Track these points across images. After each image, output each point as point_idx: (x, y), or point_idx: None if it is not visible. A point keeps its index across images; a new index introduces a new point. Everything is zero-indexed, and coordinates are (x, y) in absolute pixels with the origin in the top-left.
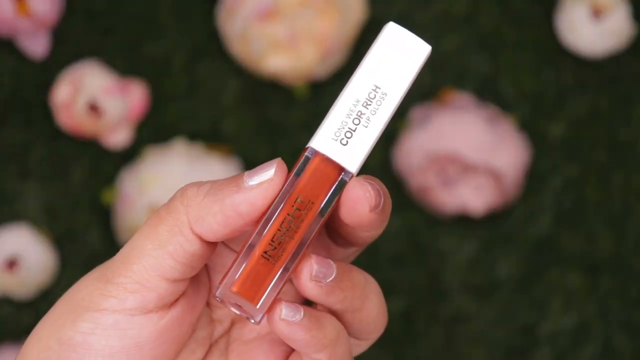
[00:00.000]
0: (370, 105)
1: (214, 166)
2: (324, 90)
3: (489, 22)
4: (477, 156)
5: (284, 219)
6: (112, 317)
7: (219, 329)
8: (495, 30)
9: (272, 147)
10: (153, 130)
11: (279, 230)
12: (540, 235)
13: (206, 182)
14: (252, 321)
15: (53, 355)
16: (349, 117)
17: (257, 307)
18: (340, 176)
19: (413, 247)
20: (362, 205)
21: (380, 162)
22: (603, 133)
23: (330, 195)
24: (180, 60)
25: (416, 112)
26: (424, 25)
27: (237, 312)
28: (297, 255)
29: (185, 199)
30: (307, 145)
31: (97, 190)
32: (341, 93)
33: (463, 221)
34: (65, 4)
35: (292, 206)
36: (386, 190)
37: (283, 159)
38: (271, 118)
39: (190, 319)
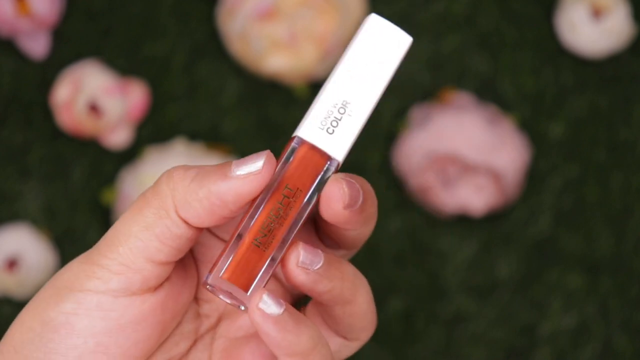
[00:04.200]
0: (354, 95)
1: None
2: None
3: (489, 22)
4: (477, 156)
5: (273, 207)
6: (95, 298)
7: (206, 324)
8: (495, 30)
9: (272, 146)
10: (153, 130)
11: (268, 217)
12: (540, 235)
13: (193, 167)
14: (242, 308)
15: (35, 337)
16: (335, 107)
17: (248, 293)
18: (327, 164)
19: (413, 247)
20: (336, 202)
21: (380, 162)
22: (603, 133)
23: (317, 183)
24: (180, 60)
25: (416, 112)
26: (424, 25)
27: (228, 300)
28: (286, 242)
29: (171, 183)
30: (294, 134)
31: (97, 190)
32: (325, 83)
33: (463, 221)
34: (66, 4)
35: (281, 194)
36: (369, 189)
37: None
38: (271, 118)
39: (175, 306)
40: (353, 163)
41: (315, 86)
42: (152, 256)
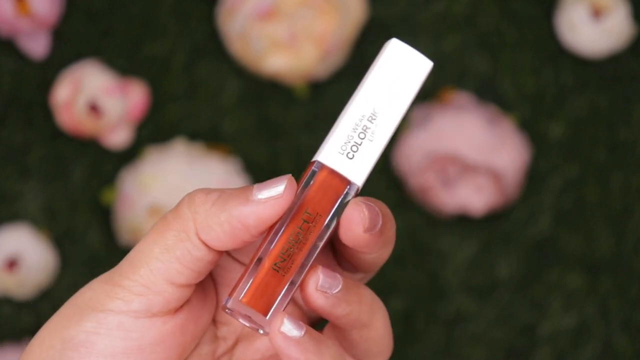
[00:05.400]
0: (375, 119)
1: (214, 166)
2: (324, 90)
3: (489, 22)
4: (477, 156)
5: (293, 231)
6: (116, 318)
7: (223, 347)
8: (495, 30)
9: (272, 147)
10: (153, 130)
11: (288, 242)
12: (540, 235)
13: (214, 190)
14: (261, 332)
15: (55, 354)
16: (355, 132)
17: (267, 317)
18: (347, 189)
19: (413, 247)
20: (356, 225)
21: (380, 162)
22: (603, 133)
23: (337, 208)
24: (180, 60)
25: (416, 112)
26: (424, 26)
27: (247, 324)
28: (305, 267)
29: (192, 206)
30: (314, 159)
31: (97, 190)
32: (346, 107)
33: (463, 221)
34: (66, 4)
35: (301, 219)
36: (388, 212)
37: (283, 159)
38: (271, 118)
39: (194, 329)
40: None
41: (315, 86)
42: (172, 278)
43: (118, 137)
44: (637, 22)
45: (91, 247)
